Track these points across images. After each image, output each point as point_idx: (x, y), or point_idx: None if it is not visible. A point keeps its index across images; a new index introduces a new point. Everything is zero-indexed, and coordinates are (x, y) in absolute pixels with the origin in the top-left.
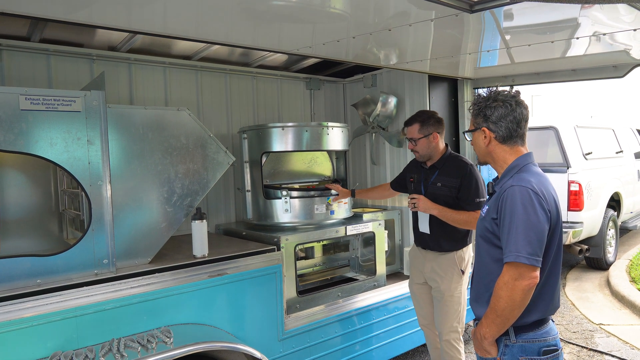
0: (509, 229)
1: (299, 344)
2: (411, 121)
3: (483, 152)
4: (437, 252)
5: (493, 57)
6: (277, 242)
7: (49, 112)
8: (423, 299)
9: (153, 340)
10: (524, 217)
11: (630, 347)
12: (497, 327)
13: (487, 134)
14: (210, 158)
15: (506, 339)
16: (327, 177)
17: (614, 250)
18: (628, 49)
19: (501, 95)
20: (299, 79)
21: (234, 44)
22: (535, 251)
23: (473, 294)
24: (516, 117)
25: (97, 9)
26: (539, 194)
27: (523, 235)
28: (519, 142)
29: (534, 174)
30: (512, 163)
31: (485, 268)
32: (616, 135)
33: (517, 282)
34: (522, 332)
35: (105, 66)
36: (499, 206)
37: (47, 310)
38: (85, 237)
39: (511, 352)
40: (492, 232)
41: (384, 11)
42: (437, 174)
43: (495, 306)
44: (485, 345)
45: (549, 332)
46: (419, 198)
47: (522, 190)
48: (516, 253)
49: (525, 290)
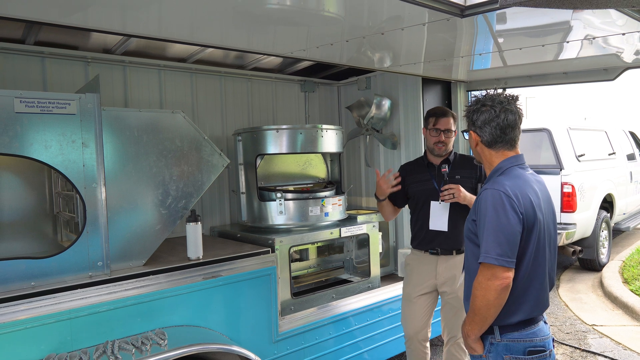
0: (482, 230)
1: (293, 345)
2: (446, 113)
3: (475, 152)
4: (452, 255)
5: (486, 60)
6: (271, 244)
7: (43, 114)
8: (421, 309)
9: (147, 342)
10: (494, 219)
11: (623, 348)
12: (477, 326)
13: (474, 136)
14: (205, 160)
15: (492, 337)
16: (322, 179)
17: (607, 252)
18: (619, 52)
19: (489, 100)
20: (294, 81)
21: (228, 47)
22: (505, 252)
23: (465, 292)
24: (499, 123)
25: (92, 12)
26: (511, 197)
27: (493, 237)
28: (505, 147)
29: (513, 177)
30: (497, 165)
31: (470, 266)
32: (609, 137)
33: (489, 282)
34: (507, 332)
35: (100, 69)
36: (476, 208)
37: (41, 312)
38: (80, 239)
39: (496, 350)
40: (474, 232)
41: (376, 15)
42: (452, 168)
43: (473, 305)
44: (470, 342)
45: (536, 333)
46: (457, 187)
47: (495, 193)
48: (485, 254)
49: (498, 290)
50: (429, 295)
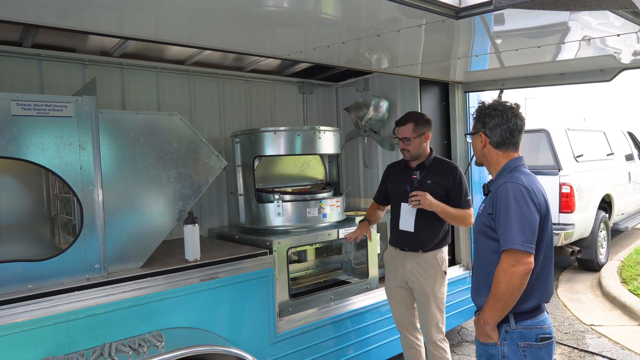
0: (504, 221)
1: (292, 347)
2: (404, 121)
3: (479, 154)
4: (419, 252)
5: (483, 61)
6: (269, 245)
7: (40, 117)
8: (401, 300)
9: (144, 344)
10: (516, 209)
11: (621, 348)
12: (499, 312)
13: (483, 138)
14: (203, 162)
15: (507, 326)
16: (320, 181)
17: (605, 252)
18: (616, 53)
19: (501, 105)
20: (292, 83)
21: (226, 49)
22: (529, 239)
23: (473, 286)
24: (510, 127)
25: (89, 15)
26: (529, 189)
27: (517, 225)
28: (511, 148)
29: (524, 173)
30: (505, 165)
31: (484, 261)
32: (607, 138)
33: (514, 267)
34: (521, 319)
35: (97, 71)
36: (494, 202)
37: (38, 315)
38: (77, 241)
39: (511, 337)
40: (489, 226)
41: (371, 17)
42: (425, 172)
43: (496, 292)
44: (488, 330)
45: (544, 321)
46: (424, 195)
47: (514, 186)
48: (512, 241)
49: (522, 275)
50: (402, 288)
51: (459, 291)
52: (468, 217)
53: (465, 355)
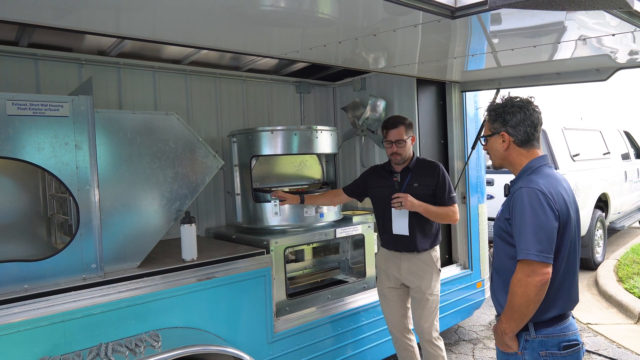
0: (519, 228)
1: (289, 346)
2: (396, 124)
3: (500, 155)
4: (414, 253)
5: (479, 61)
6: (266, 245)
7: (36, 117)
8: (395, 301)
9: (141, 344)
10: (532, 217)
11: (617, 346)
12: (516, 323)
13: (506, 138)
14: (199, 162)
15: (526, 334)
16: (317, 180)
17: (602, 251)
18: (612, 53)
19: (518, 101)
20: (289, 82)
21: (222, 48)
22: (545, 248)
23: (493, 288)
24: (533, 121)
25: (86, 14)
26: (547, 194)
27: (532, 234)
28: (535, 144)
29: (544, 175)
30: (526, 165)
31: (502, 265)
32: (603, 137)
33: (529, 278)
34: (541, 328)
35: (94, 71)
36: (510, 207)
37: (34, 315)
38: (73, 241)
39: (531, 346)
40: (507, 231)
41: (367, 17)
42: (411, 175)
43: (512, 303)
44: (507, 340)
45: (568, 327)
46: (405, 196)
47: (530, 191)
48: (526, 251)
49: (538, 286)
50: (396, 289)
51: (456, 290)
52: (452, 214)
53: (462, 355)
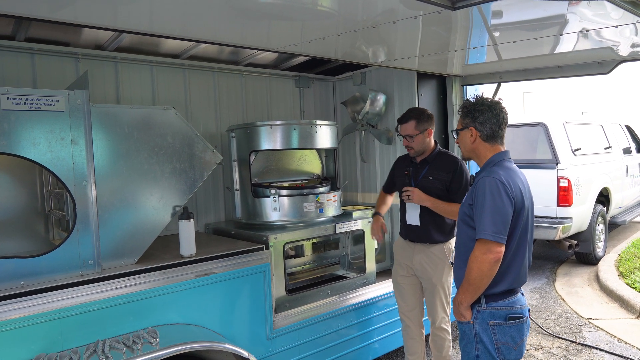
0: (479, 212)
1: (288, 342)
2: (407, 118)
3: (468, 148)
4: (427, 244)
5: (481, 54)
6: (265, 240)
7: (31, 112)
8: (407, 290)
9: (139, 341)
10: (491, 202)
11: (618, 341)
12: (471, 295)
13: (474, 132)
14: (198, 157)
15: (478, 306)
16: (317, 175)
17: (603, 245)
18: (615, 45)
19: (487, 100)
20: (288, 76)
21: (221, 42)
22: (500, 230)
23: (455, 268)
24: (499, 120)
25: (82, 7)
26: (505, 184)
27: (490, 217)
28: (499, 141)
29: (504, 168)
30: (490, 158)
31: (464, 246)
32: (605, 132)
33: (484, 255)
34: (491, 301)
35: (91, 65)
36: (473, 193)
37: (31, 312)
38: (70, 237)
39: (482, 317)
40: (469, 215)
41: (366, 9)
42: (428, 168)
43: (468, 277)
44: (462, 310)
45: (516, 302)
46: (413, 190)
47: (491, 180)
48: (483, 231)
49: (492, 263)
50: (409, 277)
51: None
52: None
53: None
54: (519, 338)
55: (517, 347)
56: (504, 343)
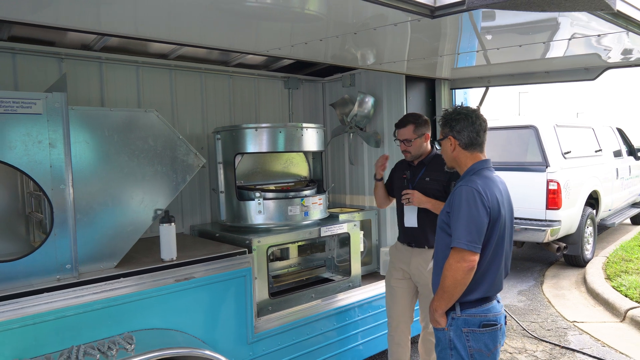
0: (455, 221)
1: (270, 346)
2: (404, 123)
3: (449, 157)
4: (424, 248)
5: (470, 58)
6: (248, 244)
7: (7, 114)
8: (400, 294)
9: (114, 347)
10: (466, 211)
11: (602, 345)
12: (445, 302)
13: (453, 141)
14: (180, 160)
15: (453, 313)
16: (303, 178)
17: (591, 248)
18: (605, 50)
19: (464, 109)
20: (277, 78)
21: (208, 45)
22: (474, 239)
23: (432, 274)
24: (476, 127)
25: (64, 10)
26: (482, 194)
27: (465, 226)
28: (478, 149)
29: (483, 177)
30: (470, 167)
31: (441, 254)
32: (596, 134)
33: (458, 264)
34: (466, 308)
35: (74, 66)
36: (451, 202)
37: (5, 317)
38: (47, 241)
39: (456, 324)
40: (447, 223)
41: (347, 16)
42: (425, 169)
43: (443, 284)
44: (437, 317)
45: (490, 309)
46: (412, 193)
47: (468, 189)
48: (458, 240)
49: (466, 271)
50: (404, 281)
51: None
52: None
53: None
54: (492, 345)
55: (491, 354)
56: (477, 350)
